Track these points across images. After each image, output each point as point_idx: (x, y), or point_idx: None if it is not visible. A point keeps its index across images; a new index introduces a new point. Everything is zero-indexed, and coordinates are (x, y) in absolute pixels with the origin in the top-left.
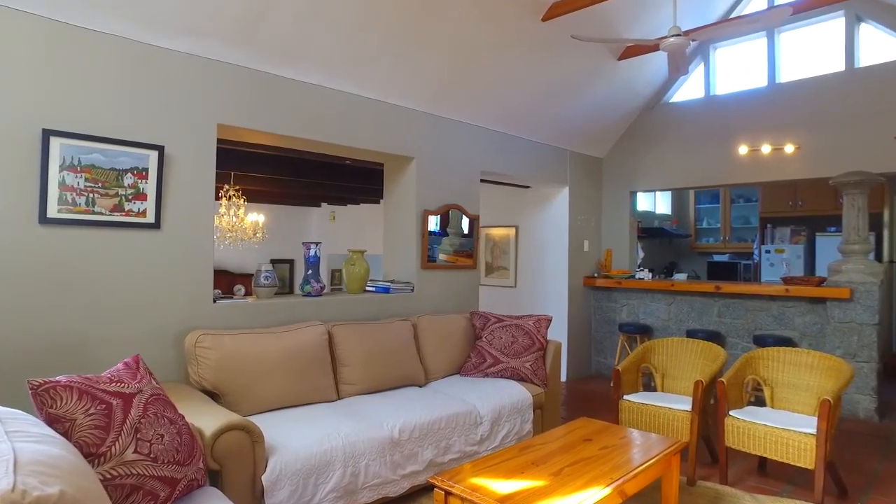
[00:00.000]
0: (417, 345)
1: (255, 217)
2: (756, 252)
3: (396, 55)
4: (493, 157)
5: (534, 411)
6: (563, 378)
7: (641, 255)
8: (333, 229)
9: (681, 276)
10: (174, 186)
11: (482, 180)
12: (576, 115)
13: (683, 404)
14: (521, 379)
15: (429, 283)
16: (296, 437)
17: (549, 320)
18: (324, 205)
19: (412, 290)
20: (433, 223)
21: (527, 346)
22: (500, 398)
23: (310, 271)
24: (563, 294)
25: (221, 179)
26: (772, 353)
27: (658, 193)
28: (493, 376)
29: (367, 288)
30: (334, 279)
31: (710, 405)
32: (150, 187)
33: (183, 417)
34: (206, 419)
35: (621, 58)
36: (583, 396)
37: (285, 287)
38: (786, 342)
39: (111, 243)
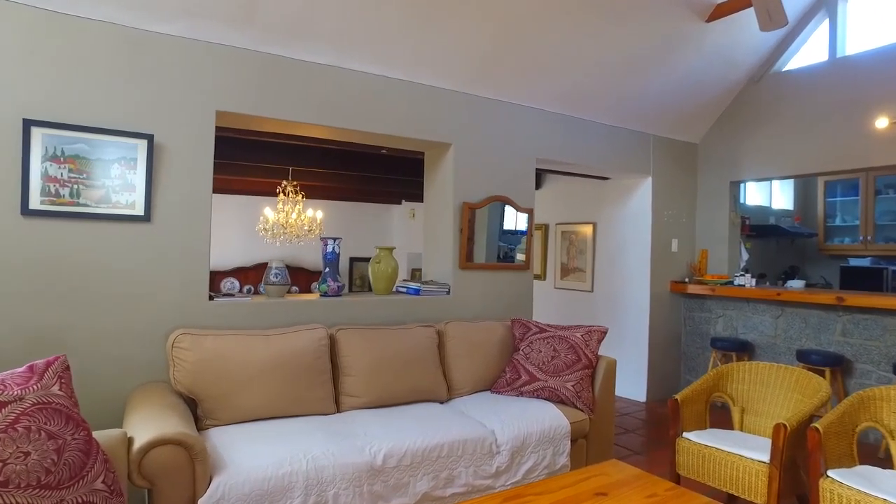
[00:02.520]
0: (442, 355)
1: (312, 213)
2: None
3: (425, 28)
4: (552, 142)
5: (573, 442)
6: (643, 398)
7: (745, 257)
8: (414, 227)
9: (796, 284)
10: (166, 177)
11: (555, 171)
12: (658, 92)
13: (762, 452)
14: (560, 401)
15: (468, 285)
16: (253, 456)
17: (603, 333)
18: (404, 202)
19: (448, 293)
20: (515, 220)
21: (571, 363)
22: (526, 423)
23: (327, 269)
24: (645, 301)
25: (279, 175)
26: None
27: (776, 185)
28: (527, 395)
29: (399, 289)
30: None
31: (805, 457)
32: (138, 178)
33: (81, 430)
34: (146, 430)
35: (710, 19)
36: (659, 422)
37: (364, 286)
38: None
39: (97, 236)
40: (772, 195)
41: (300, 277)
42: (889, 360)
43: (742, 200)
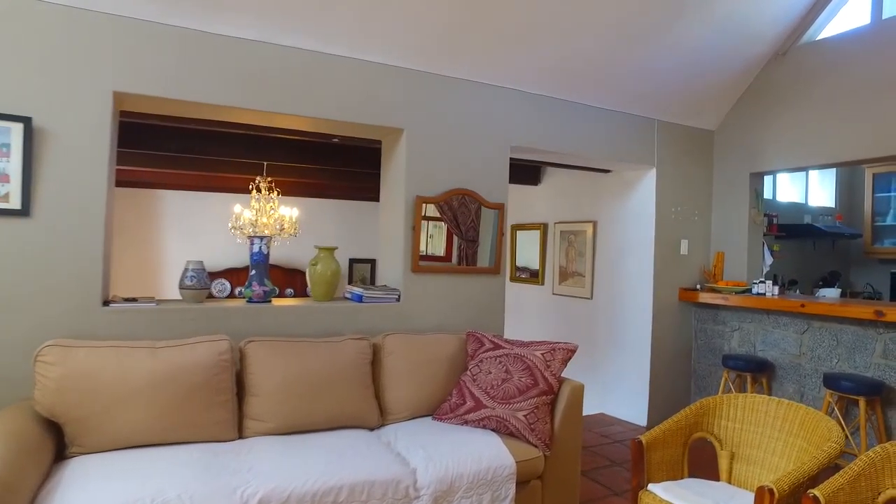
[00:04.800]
0: (376, 373)
1: (289, 211)
2: None
3: None
4: (531, 128)
5: (523, 484)
6: (644, 423)
7: (769, 261)
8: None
9: (830, 293)
10: (51, 167)
11: (554, 164)
12: (661, 70)
13: None
14: (509, 433)
15: (423, 291)
16: (91, 499)
17: (570, 351)
18: None
19: (397, 300)
20: (483, 217)
21: (525, 388)
22: (459, 461)
23: (254, 272)
24: (647, 310)
25: (254, 171)
26: None
27: (814, 179)
28: (473, 425)
29: (345, 295)
30: None
31: None
32: (13, 167)
33: None
34: None
35: None
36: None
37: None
38: None
39: None
40: (807, 190)
41: (297, 280)
42: None
43: (771, 196)
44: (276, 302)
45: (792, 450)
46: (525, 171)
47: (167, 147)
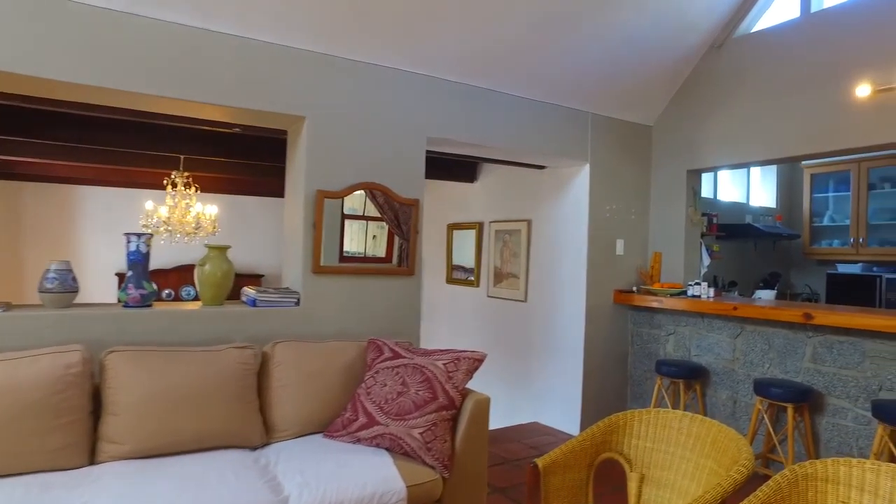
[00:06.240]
0: (262, 385)
1: (205, 209)
2: None
3: None
4: (451, 119)
5: None
6: (576, 431)
7: (707, 262)
8: None
9: (767, 294)
10: None
11: (490, 160)
12: (594, 61)
13: None
14: (404, 453)
15: (326, 294)
16: None
17: (476, 361)
18: None
19: (297, 304)
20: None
21: (422, 402)
22: (340, 486)
23: (131, 273)
24: (581, 313)
25: (170, 164)
26: (882, 469)
27: (755, 179)
28: (366, 443)
29: (243, 299)
30: None
31: None
32: None
33: None
34: None
35: None
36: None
37: None
38: None
39: None
40: (749, 190)
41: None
42: (868, 394)
43: (712, 195)
44: (159, 306)
45: (702, 472)
46: (461, 168)
47: (64, 137)
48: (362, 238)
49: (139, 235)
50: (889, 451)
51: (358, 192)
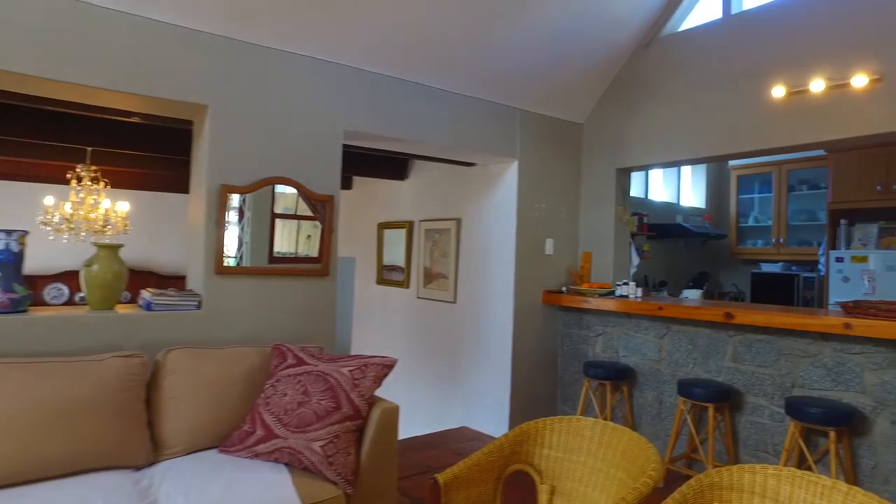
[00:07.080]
0: (152, 397)
1: (115, 206)
2: (822, 261)
3: None
4: (369, 111)
5: None
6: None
7: (636, 260)
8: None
9: (693, 294)
10: None
11: (421, 157)
12: (520, 53)
13: None
14: (304, 468)
15: (230, 296)
16: None
17: (385, 367)
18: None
19: (198, 307)
20: (298, 209)
21: (325, 413)
22: None
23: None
24: (509, 314)
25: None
26: (783, 474)
27: (686, 179)
28: (264, 458)
29: (139, 302)
30: None
31: None
32: None
33: None
34: None
35: None
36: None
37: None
38: (844, 417)
39: None
40: (679, 190)
41: (152, 284)
42: (783, 392)
43: (644, 195)
44: (36, 312)
45: (612, 483)
46: (391, 165)
47: None
48: (294, 238)
49: (9, 233)
50: (799, 447)
51: (290, 190)
